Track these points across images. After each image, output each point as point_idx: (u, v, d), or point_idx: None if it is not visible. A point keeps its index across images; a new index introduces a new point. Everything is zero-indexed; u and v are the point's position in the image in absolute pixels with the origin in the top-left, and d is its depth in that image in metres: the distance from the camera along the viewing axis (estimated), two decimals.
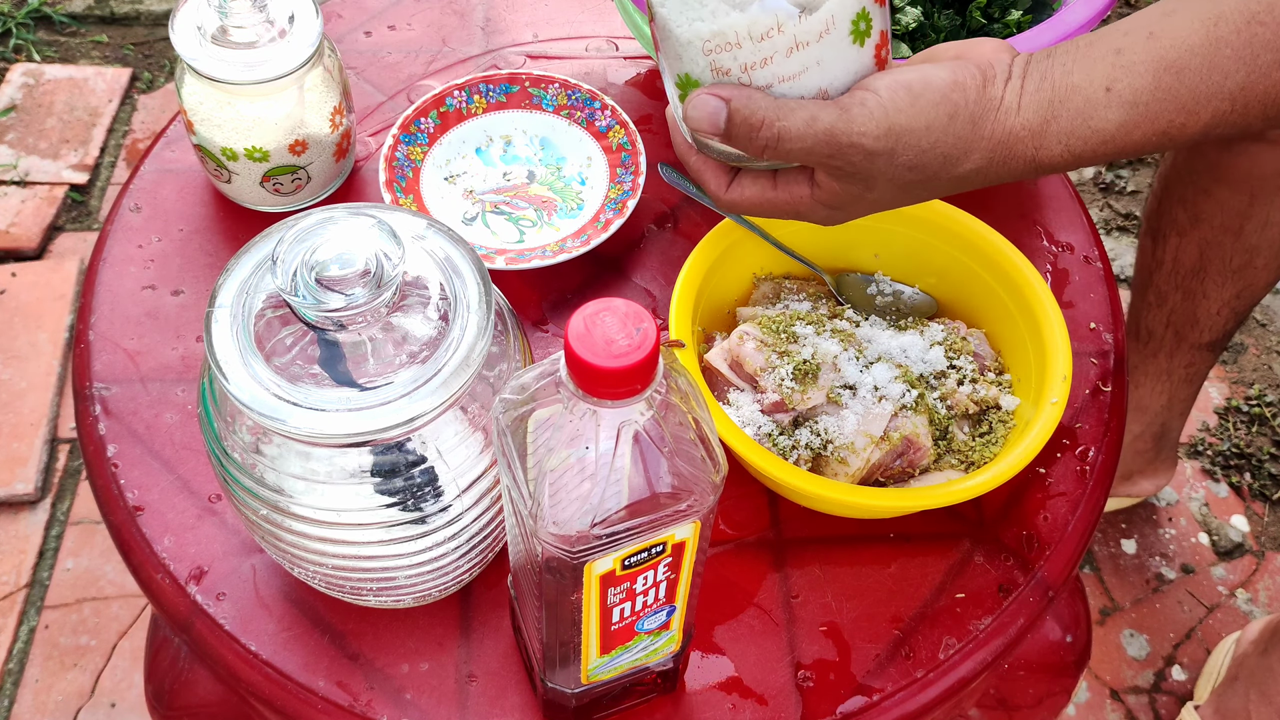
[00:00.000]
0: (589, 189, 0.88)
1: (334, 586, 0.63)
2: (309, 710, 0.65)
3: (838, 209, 0.59)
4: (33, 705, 1.26)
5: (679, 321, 0.71)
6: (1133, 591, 1.39)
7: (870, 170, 0.55)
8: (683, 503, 0.47)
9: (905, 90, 0.54)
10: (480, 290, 0.54)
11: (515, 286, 0.83)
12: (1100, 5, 0.78)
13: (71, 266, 1.62)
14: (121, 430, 0.75)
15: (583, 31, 1.02)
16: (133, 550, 0.70)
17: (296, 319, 0.52)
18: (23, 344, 1.54)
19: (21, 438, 1.45)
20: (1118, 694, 1.32)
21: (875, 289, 0.80)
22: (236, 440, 0.55)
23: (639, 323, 0.43)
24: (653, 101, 0.96)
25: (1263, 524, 1.47)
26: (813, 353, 0.71)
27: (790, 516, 0.73)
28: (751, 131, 0.55)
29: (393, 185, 0.84)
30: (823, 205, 0.59)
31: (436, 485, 0.55)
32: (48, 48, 1.92)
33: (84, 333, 0.80)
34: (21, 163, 1.74)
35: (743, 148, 0.56)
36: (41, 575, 1.35)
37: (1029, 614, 0.69)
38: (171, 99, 1.85)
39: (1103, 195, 1.80)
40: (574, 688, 0.59)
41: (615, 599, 0.52)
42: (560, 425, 0.45)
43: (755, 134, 0.55)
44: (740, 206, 0.61)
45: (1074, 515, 0.73)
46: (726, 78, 0.55)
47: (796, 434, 0.70)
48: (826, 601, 0.70)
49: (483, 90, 0.90)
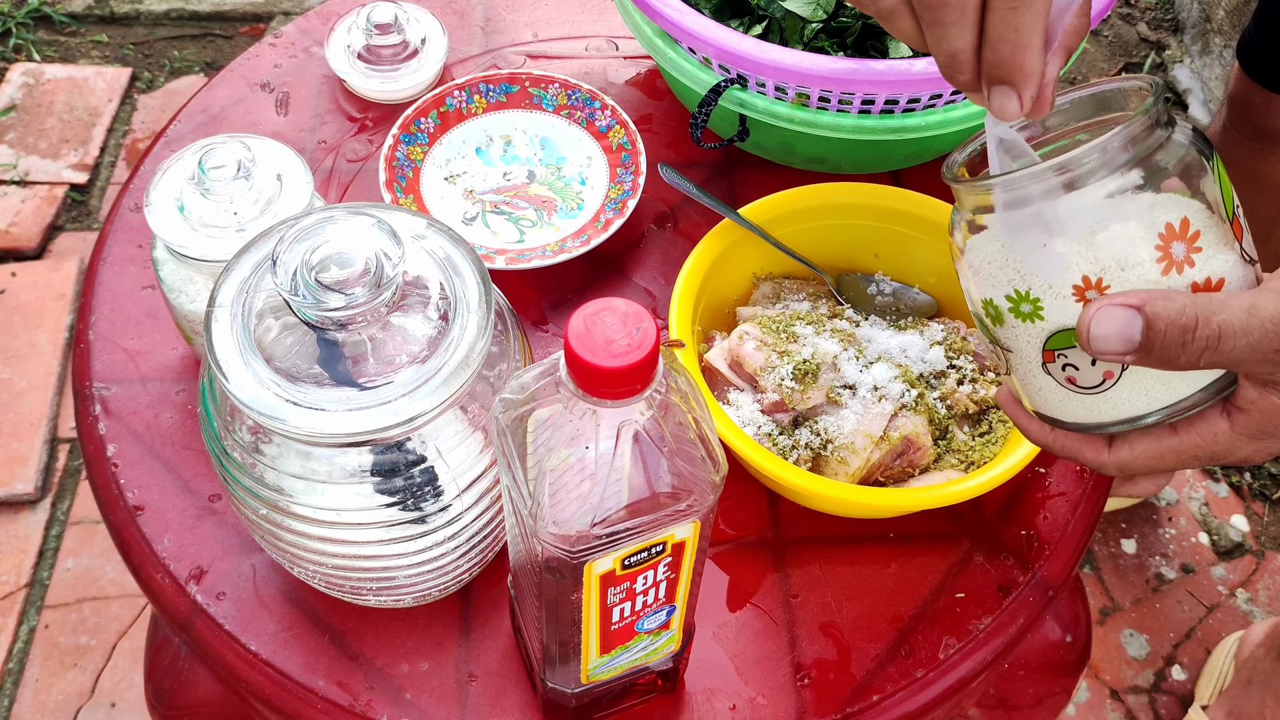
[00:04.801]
0: (589, 189, 0.88)
1: (334, 586, 0.63)
2: (309, 710, 0.65)
3: (1273, 434, 0.48)
4: (33, 705, 1.26)
5: (679, 321, 0.71)
6: (1133, 591, 1.39)
7: None
8: (683, 502, 0.47)
9: None
10: (480, 290, 0.54)
11: (515, 286, 0.83)
12: (1100, 5, 0.78)
13: (71, 266, 1.62)
14: (121, 430, 0.75)
15: (583, 31, 1.02)
16: (133, 550, 0.70)
17: (296, 319, 0.52)
18: (23, 344, 1.54)
19: (21, 438, 1.45)
20: (1118, 694, 1.32)
21: (875, 289, 0.80)
22: (236, 440, 0.55)
23: (639, 323, 0.43)
24: (653, 101, 0.96)
25: (1263, 524, 1.47)
26: (813, 352, 0.71)
27: (790, 516, 0.73)
28: (1184, 335, 0.44)
29: (393, 185, 0.84)
30: (1250, 434, 0.48)
31: (436, 485, 0.55)
32: (48, 47, 1.92)
33: (84, 333, 0.80)
34: (21, 162, 1.74)
35: (1168, 360, 0.45)
36: (41, 575, 1.35)
37: (1029, 614, 0.70)
38: (171, 98, 1.86)
39: None
40: (574, 687, 0.59)
41: (615, 599, 0.52)
42: (560, 425, 0.45)
43: (1189, 337, 0.44)
44: (1135, 466, 0.51)
45: (1074, 515, 0.73)
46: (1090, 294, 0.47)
47: (796, 434, 0.70)
48: (826, 601, 0.70)
49: (483, 90, 0.90)
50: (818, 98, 0.77)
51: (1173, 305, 0.44)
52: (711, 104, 0.79)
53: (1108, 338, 0.45)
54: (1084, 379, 0.49)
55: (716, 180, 0.90)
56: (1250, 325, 0.44)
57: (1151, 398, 0.49)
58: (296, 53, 0.99)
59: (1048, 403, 0.52)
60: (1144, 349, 0.45)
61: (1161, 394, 0.49)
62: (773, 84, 0.77)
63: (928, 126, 0.78)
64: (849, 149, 0.84)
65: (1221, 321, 0.44)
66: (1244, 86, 1.07)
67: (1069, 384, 0.50)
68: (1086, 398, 0.50)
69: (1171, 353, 0.45)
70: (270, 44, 0.99)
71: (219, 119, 0.93)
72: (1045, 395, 0.52)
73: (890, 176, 0.90)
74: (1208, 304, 0.45)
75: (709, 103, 0.79)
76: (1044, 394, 0.52)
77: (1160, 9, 2.09)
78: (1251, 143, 1.09)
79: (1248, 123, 1.08)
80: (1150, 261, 0.46)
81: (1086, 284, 0.47)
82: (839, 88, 0.74)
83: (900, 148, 0.85)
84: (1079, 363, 0.49)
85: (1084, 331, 0.46)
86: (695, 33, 0.76)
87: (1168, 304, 0.44)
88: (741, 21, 0.85)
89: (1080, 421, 0.51)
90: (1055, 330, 0.48)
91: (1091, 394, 0.50)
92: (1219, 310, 0.44)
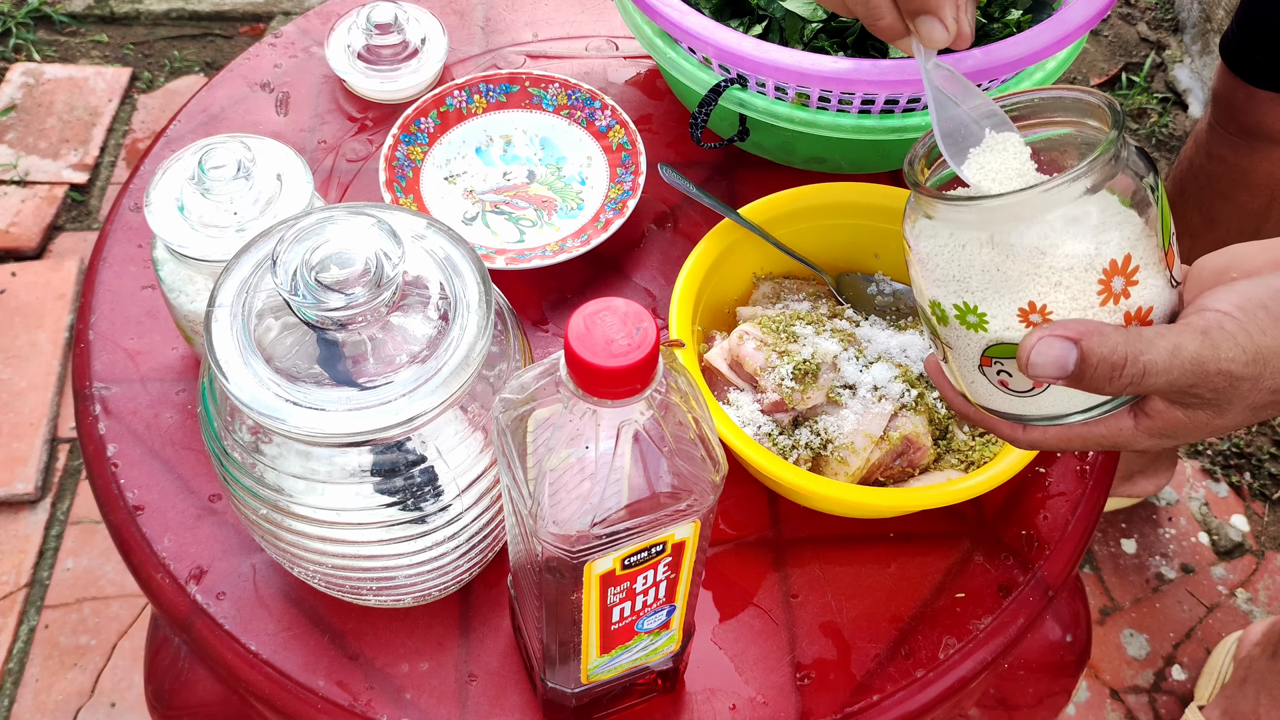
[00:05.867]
0: (589, 189, 0.88)
1: (334, 586, 0.63)
2: (309, 710, 0.65)
3: (1170, 436, 0.53)
4: (33, 705, 1.26)
5: (679, 321, 0.71)
6: (1133, 591, 1.39)
7: (1230, 396, 0.50)
8: (683, 502, 0.47)
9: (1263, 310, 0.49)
10: (480, 290, 0.54)
11: (515, 286, 0.83)
12: (1100, 5, 0.78)
13: (71, 266, 1.62)
14: (121, 430, 0.75)
15: (583, 31, 1.02)
16: (133, 550, 0.70)
17: (296, 319, 0.52)
18: (23, 344, 1.54)
19: (21, 438, 1.45)
20: (1118, 694, 1.32)
21: (875, 289, 0.80)
22: (236, 440, 0.55)
23: (639, 322, 0.43)
24: (653, 101, 0.96)
25: (1263, 524, 1.47)
26: (813, 352, 0.71)
27: (790, 516, 0.73)
28: (1112, 371, 0.48)
29: (393, 185, 0.84)
30: (1150, 434, 0.53)
31: (436, 485, 0.55)
32: (48, 47, 1.92)
33: (84, 332, 0.80)
34: (21, 162, 1.74)
35: (1096, 389, 0.50)
36: (41, 575, 1.35)
37: (1029, 614, 0.70)
38: (171, 98, 1.86)
39: None
40: (574, 687, 0.59)
41: (615, 599, 0.52)
42: (560, 425, 0.45)
43: (1116, 374, 0.48)
44: (1044, 445, 0.56)
45: (1074, 515, 0.73)
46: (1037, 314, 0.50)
47: (796, 434, 0.70)
48: (826, 601, 0.70)
49: (483, 90, 0.90)
50: (818, 98, 0.77)
51: (1106, 343, 0.48)
52: (711, 104, 0.79)
53: (1044, 365, 0.49)
54: (1015, 384, 0.54)
55: (716, 180, 0.90)
56: (1171, 365, 0.48)
57: (1073, 403, 0.53)
58: (296, 53, 0.99)
59: (979, 394, 0.56)
60: (1075, 378, 0.49)
61: (1082, 400, 0.53)
62: (773, 84, 0.77)
63: (927, 126, 0.78)
64: (849, 149, 0.84)
65: (1148, 361, 0.48)
66: (1227, 83, 1.07)
67: (1001, 386, 0.54)
68: (1015, 398, 0.54)
69: (1099, 384, 0.49)
70: (270, 44, 0.99)
71: (219, 119, 0.93)
72: (977, 388, 0.56)
73: (890, 176, 0.90)
74: (1137, 342, 0.48)
75: (709, 103, 0.79)
76: (975, 387, 0.56)
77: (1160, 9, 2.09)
78: (1236, 140, 1.09)
79: (1232, 120, 1.09)
80: (1092, 293, 0.49)
81: (1031, 308, 0.50)
82: (839, 88, 0.74)
83: (900, 148, 0.85)
84: (1013, 370, 0.53)
85: (1024, 356, 0.50)
86: (695, 33, 0.76)
87: (1101, 340, 0.48)
88: (741, 21, 0.85)
89: (1006, 412, 0.56)
90: (996, 342, 0.52)
91: (1020, 396, 0.54)
92: (1146, 350, 0.48)
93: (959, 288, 0.51)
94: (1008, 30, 0.83)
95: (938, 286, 0.53)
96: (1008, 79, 0.80)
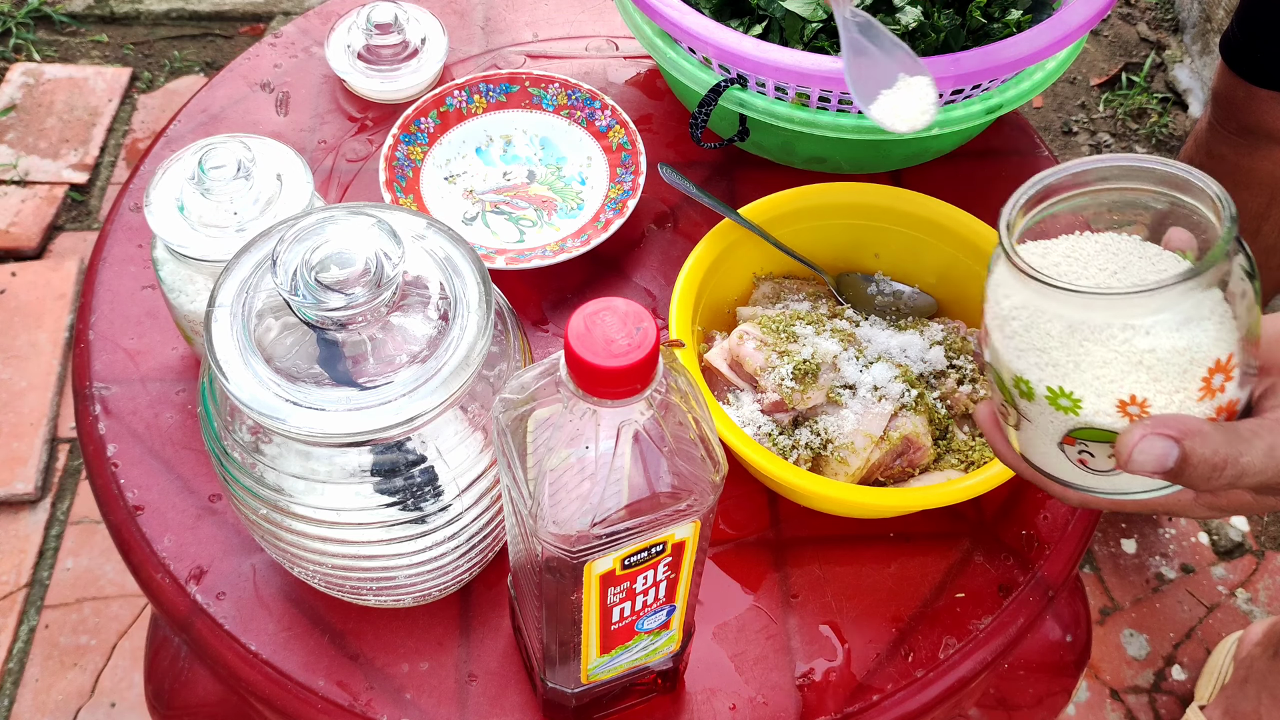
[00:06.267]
0: (589, 189, 0.88)
1: (334, 586, 0.63)
2: (309, 710, 0.65)
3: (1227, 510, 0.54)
4: (33, 705, 1.26)
5: (679, 321, 0.71)
6: (1133, 591, 1.39)
7: None
8: (683, 502, 0.47)
9: None
10: (480, 290, 0.54)
11: (515, 286, 0.83)
12: (1100, 5, 0.78)
13: (71, 266, 1.62)
14: (121, 430, 0.75)
15: (583, 31, 1.02)
16: (133, 550, 0.70)
17: (296, 319, 0.52)
18: (23, 344, 1.54)
19: (21, 437, 1.45)
20: (1118, 694, 1.32)
21: (875, 289, 0.80)
22: (236, 440, 0.55)
23: (639, 322, 0.42)
24: (653, 101, 0.96)
25: (1262, 524, 1.46)
26: (813, 352, 0.71)
27: (790, 516, 0.73)
28: (1212, 473, 0.48)
29: (393, 185, 0.84)
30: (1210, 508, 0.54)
31: (436, 485, 0.55)
32: (48, 47, 1.92)
33: (84, 332, 0.80)
34: (21, 162, 1.74)
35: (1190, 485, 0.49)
36: (41, 575, 1.35)
37: (1029, 613, 0.69)
38: (171, 98, 1.86)
39: None
40: (574, 687, 0.59)
41: (615, 599, 0.52)
42: (560, 425, 0.45)
43: (1216, 475, 0.48)
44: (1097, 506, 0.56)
45: (1074, 515, 0.73)
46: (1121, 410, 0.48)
47: (796, 434, 0.70)
48: (826, 601, 0.70)
49: (483, 90, 0.90)
50: (818, 98, 0.77)
51: (1208, 444, 0.48)
52: (711, 104, 0.79)
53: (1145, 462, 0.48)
54: (1096, 464, 0.51)
55: (716, 180, 0.90)
56: (1267, 465, 0.48)
57: (1148, 484, 0.52)
58: (296, 53, 0.99)
59: (1049, 465, 0.53)
60: (1173, 474, 0.48)
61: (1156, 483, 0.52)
62: (773, 84, 0.77)
63: (927, 126, 0.78)
64: (849, 149, 0.84)
65: (1246, 463, 0.48)
66: (1227, 82, 1.07)
67: (1080, 464, 0.52)
68: (1089, 474, 0.52)
69: (1196, 482, 0.49)
70: (270, 44, 0.99)
71: (219, 119, 0.93)
72: (1049, 460, 0.53)
73: (890, 176, 0.90)
74: (1236, 443, 0.48)
75: (709, 103, 0.79)
76: (1048, 458, 0.53)
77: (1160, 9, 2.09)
78: (1236, 138, 1.09)
79: (1232, 119, 1.09)
80: (1194, 389, 0.48)
81: (1132, 400, 0.48)
82: (839, 88, 0.74)
83: (900, 148, 0.85)
84: (1096, 452, 0.51)
85: (1125, 452, 0.48)
86: (695, 33, 0.76)
87: (1204, 441, 0.48)
88: (741, 21, 0.85)
89: (1074, 484, 0.53)
90: (1086, 426, 0.50)
91: (1095, 473, 0.52)
92: (1245, 451, 0.48)
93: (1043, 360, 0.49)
94: (1008, 30, 0.83)
95: (1020, 358, 0.50)
96: (1008, 79, 0.80)
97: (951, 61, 0.75)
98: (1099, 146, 1.84)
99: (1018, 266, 0.48)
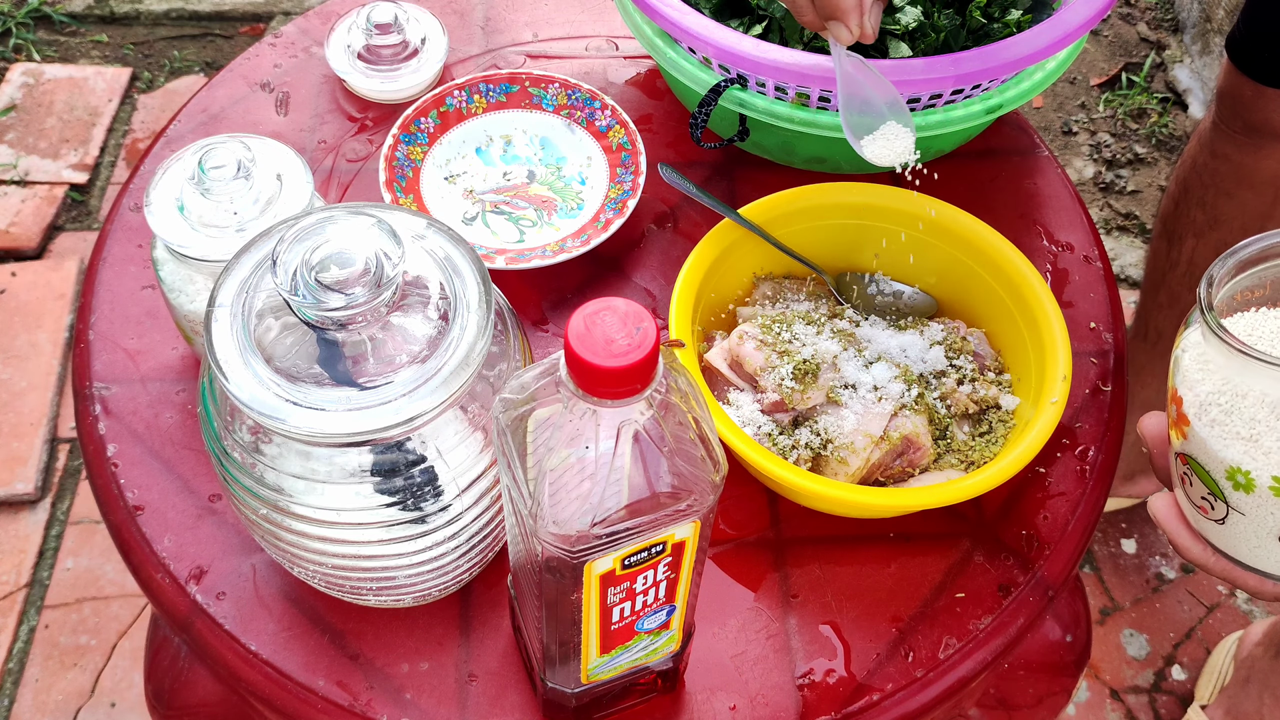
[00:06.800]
0: (589, 189, 0.88)
1: (334, 586, 0.63)
2: (309, 710, 0.65)
3: None
4: (33, 705, 1.26)
5: (679, 321, 0.71)
6: (1133, 591, 1.39)
7: None
8: (683, 502, 0.47)
9: None
10: (480, 290, 0.54)
11: (515, 286, 0.83)
12: (1100, 5, 0.78)
13: (71, 266, 1.62)
14: (121, 430, 0.75)
15: (583, 31, 1.02)
16: (133, 550, 0.70)
17: (296, 319, 0.52)
18: (23, 344, 1.54)
19: (21, 437, 1.45)
20: (1118, 694, 1.32)
21: (875, 289, 0.80)
22: (236, 440, 0.55)
23: (639, 322, 0.42)
24: (653, 101, 0.96)
25: None
26: (813, 352, 0.71)
27: (790, 516, 0.73)
28: None
29: (393, 185, 0.84)
30: None
31: (436, 485, 0.55)
32: (48, 47, 1.92)
33: (84, 332, 0.80)
34: (21, 162, 1.74)
35: None
36: (41, 575, 1.35)
37: (1029, 614, 0.69)
38: (171, 98, 1.86)
39: (1103, 195, 1.80)
40: (574, 687, 0.59)
41: (615, 599, 0.52)
42: (560, 425, 0.45)
43: None
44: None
45: (1074, 515, 0.73)
46: None
47: (796, 433, 0.70)
48: (826, 601, 0.70)
49: (483, 90, 0.90)
50: (818, 98, 0.77)
51: None
52: (711, 104, 0.79)
53: None
54: None
55: (716, 180, 0.90)
56: None
57: None
58: (296, 53, 0.99)
59: (1260, 561, 0.50)
60: None
61: None
62: (773, 84, 0.77)
63: (927, 126, 0.78)
64: (849, 149, 0.84)
65: None
66: (1233, 80, 1.07)
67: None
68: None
69: None
70: (270, 44, 0.99)
71: (219, 119, 0.93)
72: (1261, 555, 0.49)
73: (890, 176, 0.90)
74: None
75: (709, 103, 0.79)
76: (1259, 552, 0.49)
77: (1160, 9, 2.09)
78: (1241, 137, 1.09)
79: (1237, 118, 1.09)
80: None
81: None
82: None
83: None
84: None
85: None
86: (695, 33, 0.76)
87: None
88: (741, 21, 0.85)
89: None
90: None
91: None
92: None
93: (1255, 450, 0.45)
94: (1008, 30, 0.83)
95: (1228, 447, 0.46)
96: (1008, 79, 0.80)
97: (951, 61, 0.75)
98: (1099, 146, 1.84)
99: (1228, 343, 0.43)
